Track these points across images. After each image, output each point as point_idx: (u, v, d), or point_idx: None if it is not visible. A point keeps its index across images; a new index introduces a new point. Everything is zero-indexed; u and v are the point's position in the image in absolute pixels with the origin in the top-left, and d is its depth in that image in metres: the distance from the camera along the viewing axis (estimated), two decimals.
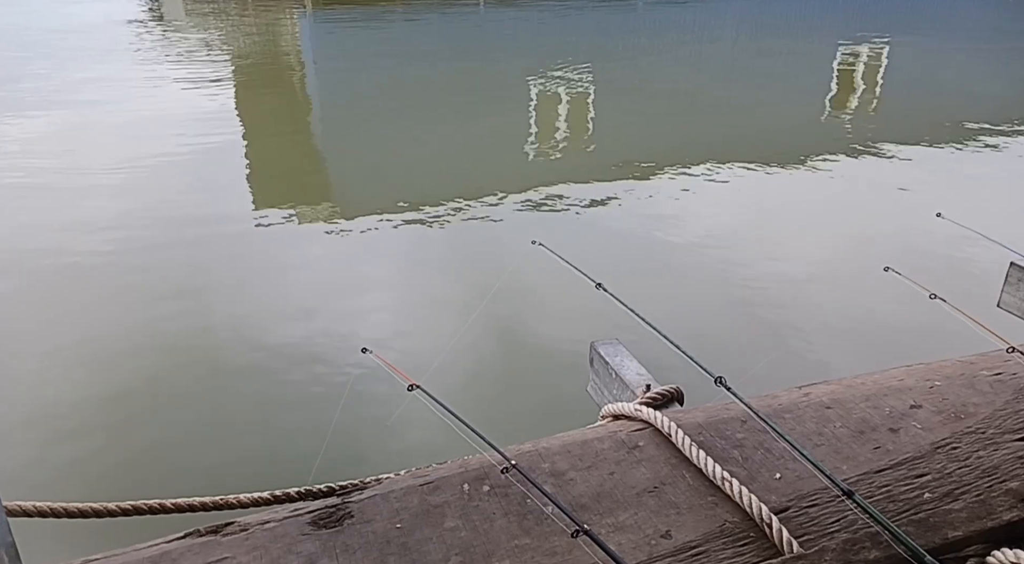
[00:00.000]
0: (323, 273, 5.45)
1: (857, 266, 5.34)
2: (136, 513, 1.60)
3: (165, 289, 5.10)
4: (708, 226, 6.19)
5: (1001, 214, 6.16)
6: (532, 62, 12.87)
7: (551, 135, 9.07)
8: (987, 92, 11.47)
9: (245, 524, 1.45)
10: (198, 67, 12.21)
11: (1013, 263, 2.83)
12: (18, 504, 1.55)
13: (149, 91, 10.60)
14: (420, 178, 7.47)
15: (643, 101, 11.08)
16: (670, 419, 1.70)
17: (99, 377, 4.15)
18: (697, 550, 1.40)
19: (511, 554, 1.39)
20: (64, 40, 14.35)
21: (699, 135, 9.32)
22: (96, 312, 4.84)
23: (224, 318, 4.77)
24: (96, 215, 6.28)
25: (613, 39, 15.89)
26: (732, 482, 1.51)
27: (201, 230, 6.07)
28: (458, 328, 4.47)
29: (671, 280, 5.35)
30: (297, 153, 8.60)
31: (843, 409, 1.79)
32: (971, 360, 2.01)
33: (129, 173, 7.28)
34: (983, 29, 17.62)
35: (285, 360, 4.30)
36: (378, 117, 9.86)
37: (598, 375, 2.24)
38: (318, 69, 13.27)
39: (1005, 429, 1.71)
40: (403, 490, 1.53)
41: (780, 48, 15.35)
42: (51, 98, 10.14)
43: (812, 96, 11.35)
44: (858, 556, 1.37)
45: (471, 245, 5.96)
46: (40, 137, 8.47)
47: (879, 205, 6.79)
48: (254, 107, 10.34)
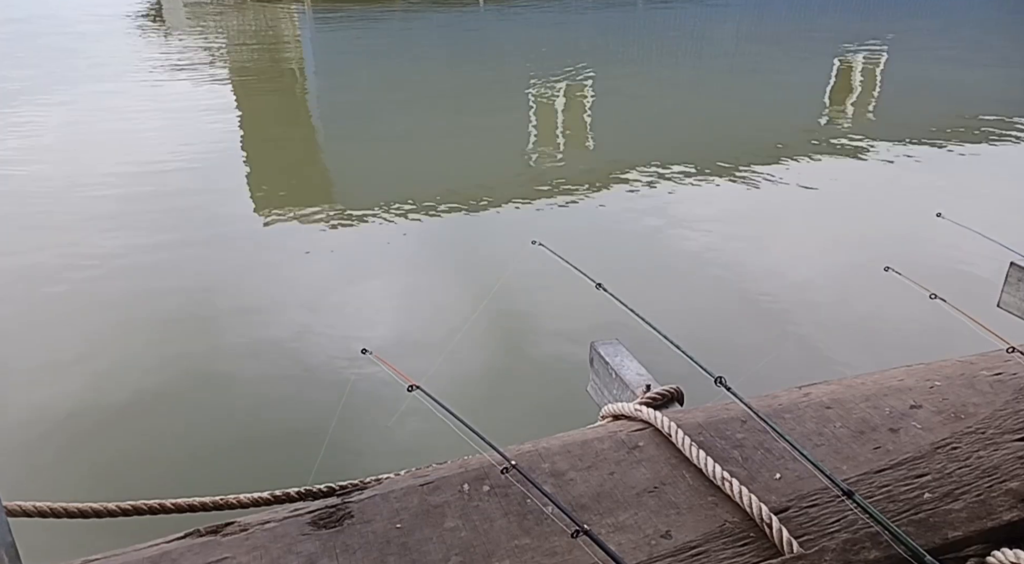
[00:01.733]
0: (323, 273, 5.45)
1: (857, 266, 5.34)
2: (136, 513, 1.60)
3: (164, 289, 5.10)
4: (708, 226, 6.19)
5: (1001, 214, 6.16)
6: (532, 62, 12.88)
7: (551, 135, 9.07)
8: (987, 92, 11.47)
9: (245, 524, 1.45)
10: (197, 67, 12.21)
11: (1013, 263, 2.83)
12: (18, 504, 1.55)
13: (149, 90, 10.60)
14: (420, 178, 7.47)
15: (642, 101, 11.08)
16: (670, 419, 1.70)
17: (99, 377, 4.15)
18: (697, 550, 1.40)
19: (511, 554, 1.39)
20: (64, 39, 14.35)
21: (699, 135, 9.32)
22: (96, 312, 4.84)
23: (223, 318, 4.77)
24: (95, 214, 6.28)
25: (613, 39, 15.89)
26: (732, 482, 1.51)
27: (200, 230, 6.07)
28: (458, 328, 4.47)
29: (671, 280, 5.35)
30: (297, 153, 8.61)
31: (843, 409, 1.79)
32: (971, 360, 2.00)
33: (129, 173, 7.28)
34: (983, 28, 17.62)
35: (285, 360, 4.30)
36: (378, 117, 9.85)
37: (598, 375, 2.24)
38: (318, 69, 13.28)
39: (1005, 429, 1.71)
40: (403, 490, 1.53)
41: (780, 48, 15.35)
42: (50, 97, 10.13)
43: (812, 96, 11.35)
44: (858, 556, 1.37)
45: (471, 245, 5.96)
46: (39, 137, 8.48)
47: (879, 205, 6.79)
48: (253, 107, 10.34)
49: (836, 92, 11.53)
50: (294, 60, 13.61)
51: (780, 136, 9.21)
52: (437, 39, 15.83)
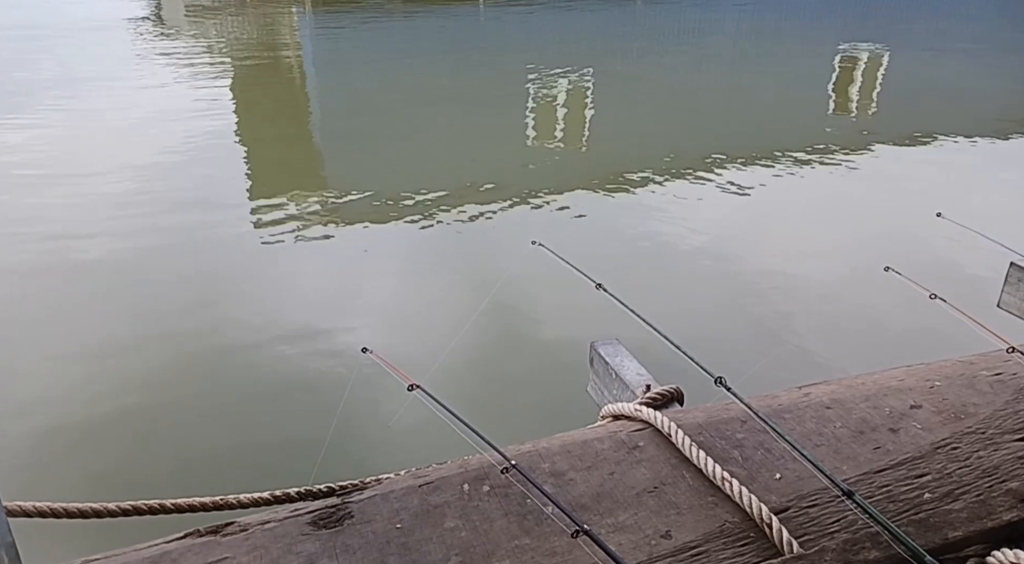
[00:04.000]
0: (323, 272, 5.45)
1: (857, 266, 5.34)
2: (136, 513, 1.60)
3: (164, 288, 5.09)
4: (708, 226, 6.19)
5: (1001, 214, 6.16)
6: (532, 62, 12.87)
7: (550, 135, 9.07)
8: (987, 92, 11.47)
9: (245, 524, 1.45)
10: (197, 66, 12.21)
11: (1013, 263, 2.83)
12: (18, 504, 1.55)
13: (148, 90, 10.60)
14: (420, 178, 7.46)
15: (642, 101, 11.08)
16: (670, 419, 1.70)
17: (98, 376, 4.15)
18: (697, 550, 1.40)
19: (511, 554, 1.39)
20: (62, 38, 14.35)
21: (699, 135, 9.31)
22: (95, 312, 4.83)
23: (222, 317, 4.76)
24: (94, 215, 6.28)
25: (612, 39, 15.89)
26: (732, 482, 1.51)
27: (200, 230, 6.07)
28: (458, 328, 4.47)
29: (671, 280, 5.35)
30: (297, 152, 8.60)
31: (843, 409, 1.79)
32: (971, 360, 2.00)
33: (128, 173, 7.27)
34: (983, 28, 17.62)
35: (284, 359, 4.30)
36: (378, 117, 9.84)
37: (598, 375, 2.24)
38: (317, 69, 13.27)
39: (1005, 429, 1.71)
40: (403, 490, 1.53)
41: (779, 48, 15.35)
42: (49, 96, 10.13)
43: (812, 96, 11.35)
44: (858, 556, 1.37)
45: (471, 245, 5.96)
46: (36, 136, 8.48)
47: (879, 205, 6.79)
48: (253, 106, 10.34)
49: (837, 91, 11.53)
50: (294, 60, 13.62)
51: (780, 136, 9.21)
52: (437, 38, 15.83)
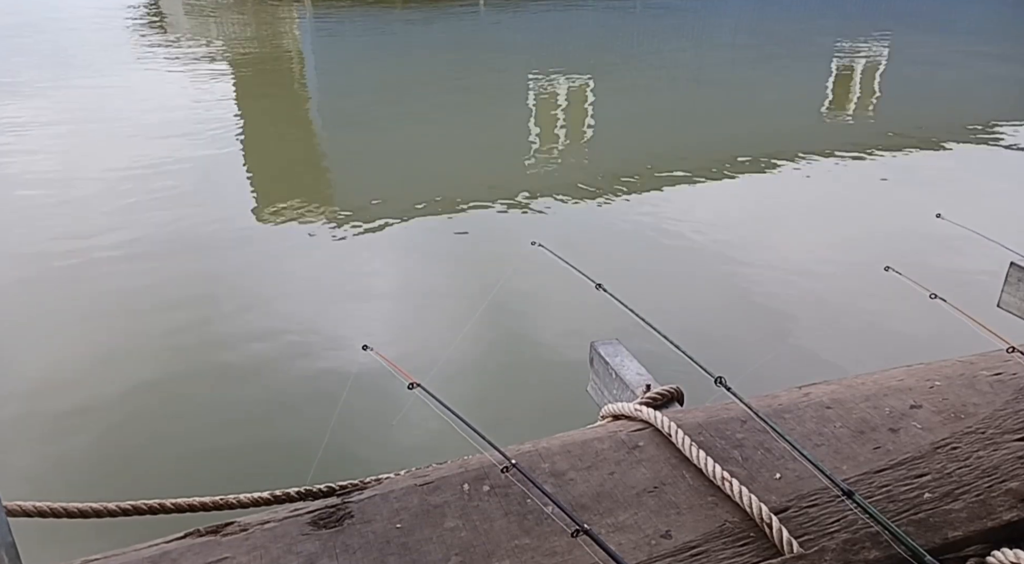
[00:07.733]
0: (323, 271, 5.45)
1: (857, 266, 5.34)
2: (136, 513, 1.60)
3: (164, 287, 5.09)
4: (708, 226, 6.19)
5: (1001, 214, 6.16)
6: (532, 63, 12.88)
7: (551, 136, 9.07)
8: (987, 92, 11.47)
9: (245, 524, 1.45)
10: (197, 66, 12.21)
11: (1013, 263, 2.83)
12: (18, 504, 1.55)
13: (148, 89, 10.59)
14: (420, 178, 7.47)
15: (642, 102, 11.09)
16: (670, 419, 1.70)
17: (98, 376, 4.15)
18: (697, 550, 1.40)
19: (511, 554, 1.39)
20: (61, 35, 14.34)
21: (698, 135, 9.32)
22: (94, 311, 4.83)
23: (223, 315, 4.76)
24: (94, 214, 6.27)
25: (612, 40, 15.89)
26: (732, 482, 1.51)
27: (200, 229, 6.07)
28: (459, 328, 4.47)
29: (671, 280, 5.35)
30: (297, 152, 8.60)
31: (843, 409, 1.79)
32: (971, 360, 2.00)
33: (127, 173, 7.27)
34: (983, 28, 17.62)
35: (284, 358, 4.30)
36: (378, 117, 9.85)
37: (598, 375, 2.24)
38: (318, 69, 13.27)
39: (1005, 429, 1.71)
40: (403, 490, 1.53)
41: (779, 49, 15.34)
42: (48, 95, 10.13)
43: (811, 97, 11.35)
44: (858, 556, 1.37)
45: (471, 245, 5.96)
46: (34, 131, 8.47)
47: (879, 205, 6.79)
48: (254, 106, 10.33)
49: (836, 92, 11.53)
50: (294, 59, 13.61)
51: (780, 136, 9.21)
52: (437, 39, 15.83)
